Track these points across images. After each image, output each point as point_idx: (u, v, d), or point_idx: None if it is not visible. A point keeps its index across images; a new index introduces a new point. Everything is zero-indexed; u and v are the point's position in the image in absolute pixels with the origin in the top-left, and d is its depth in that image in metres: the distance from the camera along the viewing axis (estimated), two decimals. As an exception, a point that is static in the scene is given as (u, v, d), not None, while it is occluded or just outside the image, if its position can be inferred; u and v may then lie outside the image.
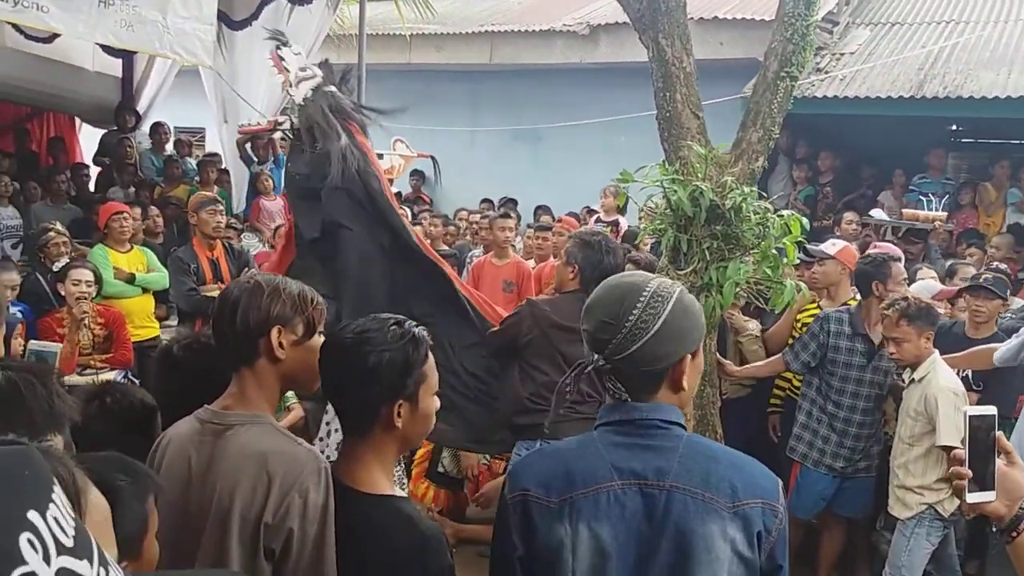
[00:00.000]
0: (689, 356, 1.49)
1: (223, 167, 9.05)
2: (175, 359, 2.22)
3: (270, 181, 8.49)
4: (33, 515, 0.48)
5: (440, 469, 4.24)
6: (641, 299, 1.46)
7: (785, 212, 4.13)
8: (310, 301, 1.84)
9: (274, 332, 1.76)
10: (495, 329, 3.68)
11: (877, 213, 7.38)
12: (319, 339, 1.84)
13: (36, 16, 5.12)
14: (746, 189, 3.90)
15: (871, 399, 4.07)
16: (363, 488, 1.70)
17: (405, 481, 3.86)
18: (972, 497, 1.54)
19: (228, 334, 1.79)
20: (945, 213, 7.20)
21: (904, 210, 7.33)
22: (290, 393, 2.89)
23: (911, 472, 3.69)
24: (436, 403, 1.77)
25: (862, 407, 4.07)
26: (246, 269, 5.17)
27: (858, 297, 4.35)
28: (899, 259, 4.29)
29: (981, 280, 4.30)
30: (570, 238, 3.79)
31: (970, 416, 1.62)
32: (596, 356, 1.48)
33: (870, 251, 4.88)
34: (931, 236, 6.69)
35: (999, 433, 1.60)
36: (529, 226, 6.77)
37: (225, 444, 1.76)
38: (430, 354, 1.74)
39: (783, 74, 4.23)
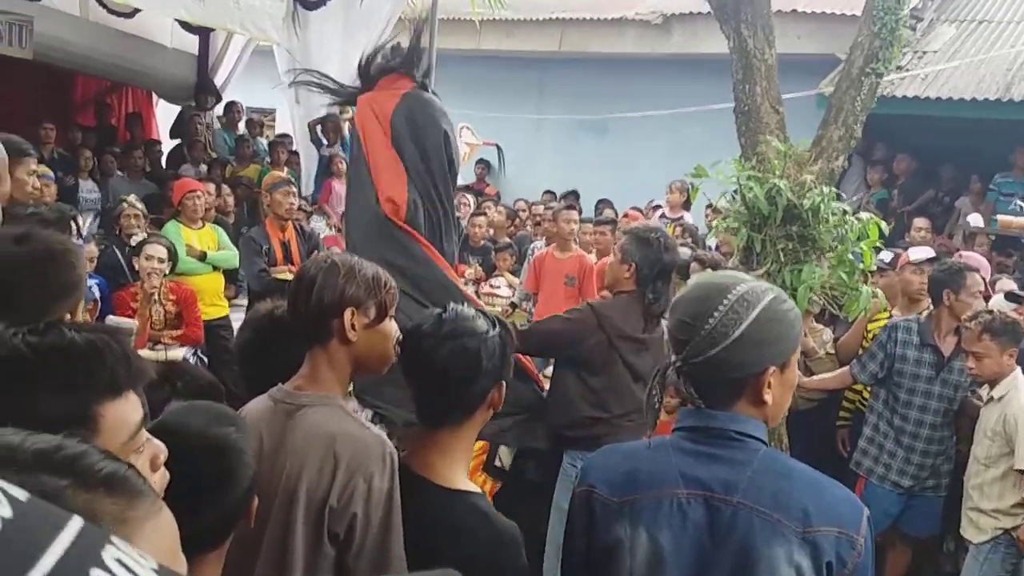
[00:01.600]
0: (775, 368, 1.41)
1: (293, 148, 9.18)
2: (275, 324, 2.17)
3: (343, 164, 8.58)
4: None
5: (497, 463, 4.22)
6: (725, 301, 1.39)
7: (863, 215, 4.01)
8: (383, 284, 1.83)
9: (347, 313, 1.76)
10: (546, 323, 3.49)
11: (973, 219, 7.05)
12: (391, 324, 1.85)
13: (115, -12, 5.24)
14: (825, 189, 3.79)
15: (940, 413, 3.91)
16: (440, 482, 1.69)
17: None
18: None
19: (303, 312, 1.80)
20: None
21: (999, 216, 6.95)
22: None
23: (986, 495, 3.53)
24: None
25: (930, 421, 3.91)
26: (316, 252, 5.24)
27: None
28: (976, 269, 4.09)
29: None
30: (624, 234, 3.58)
31: None
32: (674, 357, 1.44)
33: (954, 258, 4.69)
34: None
35: None
36: (589, 220, 6.68)
37: (295, 424, 1.77)
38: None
39: (868, 70, 4.10)
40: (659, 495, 1.40)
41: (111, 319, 2.51)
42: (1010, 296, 4.13)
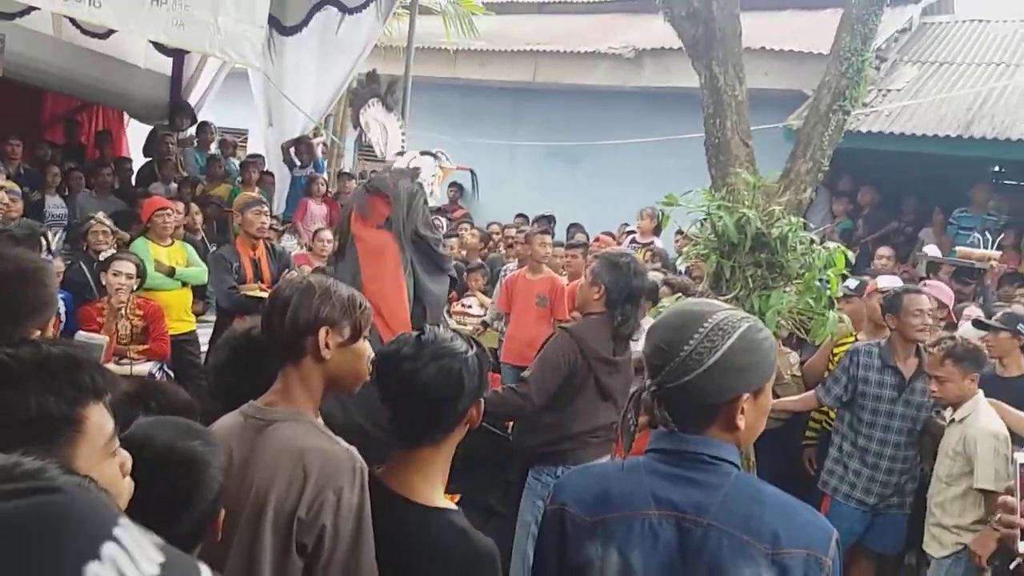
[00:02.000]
0: (749, 395, 1.42)
1: (265, 169, 9.16)
2: (252, 344, 2.18)
3: (323, 186, 8.57)
4: (94, 566, 0.46)
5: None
6: (701, 329, 1.40)
7: (830, 244, 4.10)
8: (358, 306, 1.86)
9: (322, 332, 1.78)
10: (537, 369, 3.42)
11: (930, 249, 7.25)
12: (365, 344, 1.87)
13: (89, 11, 5.20)
14: (793, 219, 3.87)
15: (903, 433, 4.00)
16: (418, 500, 1.70)
17: None
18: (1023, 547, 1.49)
19: (277, 331, 1.82)
20: (999, 252, 7.02)
21: (958, 247, 7.16)
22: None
23: (948, 511, 3.61)
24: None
25: (893, 441, 4.00)
26: (286, 270, 5.22)
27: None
28: (918, 291, 4.22)
29: (992, 318, 4.23)
30: (595, 258, 3.65)
31: (1020, 464, 1.57)
32: (649, 382, 1.45)
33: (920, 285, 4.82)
34: (987, 275, 6.54)
35: None
36: (560, 244, 6.75)
37: (265, 439, 1.77)
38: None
39: (836, 107, 4.22)
40: (631, 515, 1.41)
41: (80, 335, 2.49)
42: (978, 324, 4.24)
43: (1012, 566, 1.61)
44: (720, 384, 1.39)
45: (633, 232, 8.30)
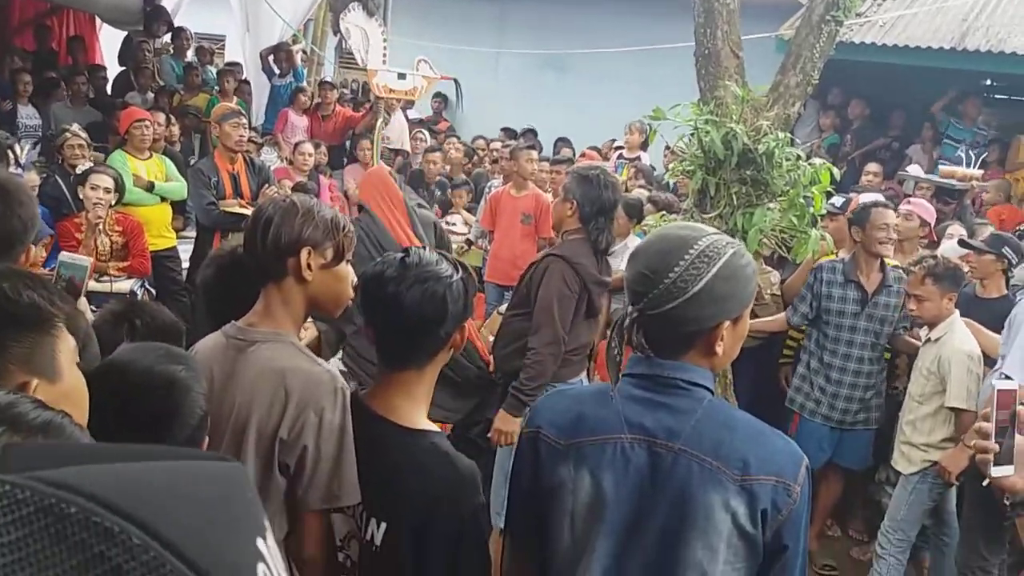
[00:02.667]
0: (729, 322, 1.42)
1: (243, 78, 8.91)
2: (238, 262, 2.14)
3: (307, 99, 8.36)
4: (260, 543, 0.45)
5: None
6: (686, 257, 1.38)
7: (816, 161, 4.06)
8: (341, 228, 1.84)
9: (303, 252, 1.77)
10: (546, 306, 3.34)
11: (913, 169, 7.23)
12: (347, 267, 1.86)
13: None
14: (780, 135, 3.82)
15: (867, 348, 4.07)
16: (402, 422, 1.70)
17: None
18: (995, 471, 1.53)
19: (259, 250, 1.80)
20: (980, 172, 7.02)
21: (940, 166, 7.15)
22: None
23: (918, 429, 3.71)
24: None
25: (856, 355, 4.08)
26: (266, 185, 5.13)
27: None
28: (886, 206, 4.24)
29: (977, 238, 4.27)
30: (567, 174, 3.63)
31: (997, 388, 1.59)
32: (631, 308, 1.44)
33: (901, 206, 4.82)
34: (967, 195, 6.55)
35: (1021, 407, 1.58)
36: (546, 159, 6.65)
37: (246, 359, 1.78)
38: None
39: (829, 17, 4.09)
40: (604, 439, 1.42)
41: (64, 256, 2.45)
42: (963, 243, 4.27)
43: (984, 483, 1.66)
44: (702, 312, 1.39)
45: (621, 148, 8.19)
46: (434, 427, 1.78)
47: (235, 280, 2.03)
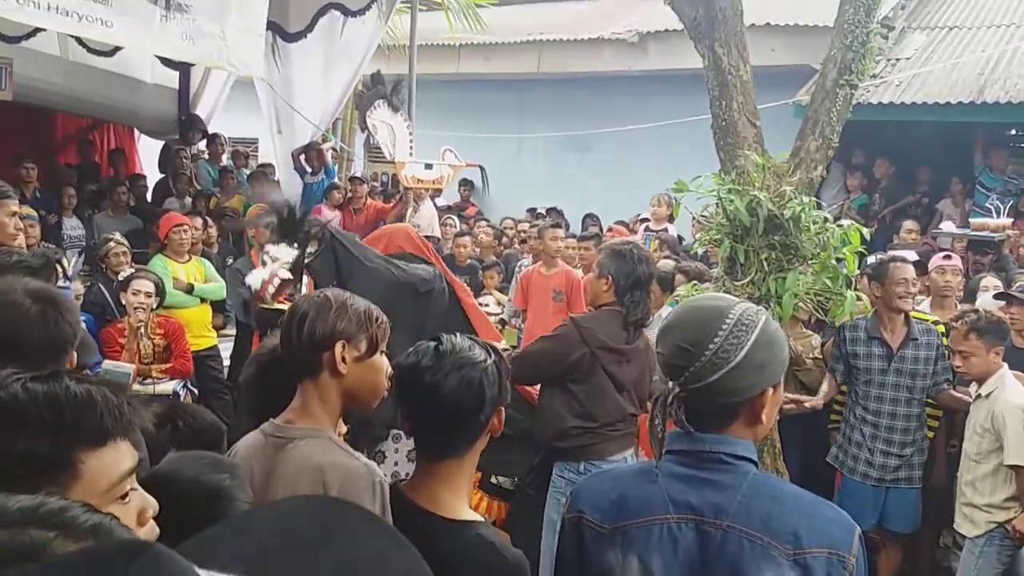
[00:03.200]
0: (771, 389, 1.42)
1: (275, 178, 9.19)
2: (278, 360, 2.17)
3: (340, 195, 8.59)
4: None
5: (493, 481, 4.23)
6: (724, 325, 1.38)
7: (844, 222, 4.06)
8: (375, 319, 1.86)
9: (338, 347, 1.79)
10: (533, 346, 3.57)
11: (946, 225, 7.20)
12: (382, 358, 1.87)
13: (102, 31, 5.25)
14: (805, 199, 3.83)
15: (900, 403, 4.02)
16: (446, 514, 1.67)
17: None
18: None
19: (294, 346, 1.82)
20: (1011, 220, 6.95)
21: (972, 220, 7.09)
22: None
23: (979, 490, 3.58)
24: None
25: (888, 411, 4.03)
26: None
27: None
28: (905, 260, 4.23)
29: (1013, 289, 4.24)
30: (600, 250, 3.70)
31: None
32: (671, 384, 1.42)
33: (939, 261, 4.80)
34: (1005, 245, 6.48)
35: None
36: (573, 236, 6.75)
37: (285, 457, 1.79)
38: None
39: (842, 82, 4.16)
40: (649, 521, 1.39)
41: (107, 364, 2.51)
42: (999, 295, 4.21)
43: None
44: (746, 381, 1.38)
45: (647, 220, 8.26)
46: (478, 517, 1.75)
47: (276, 378, 2.05)
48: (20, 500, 0.83)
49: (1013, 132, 9.28)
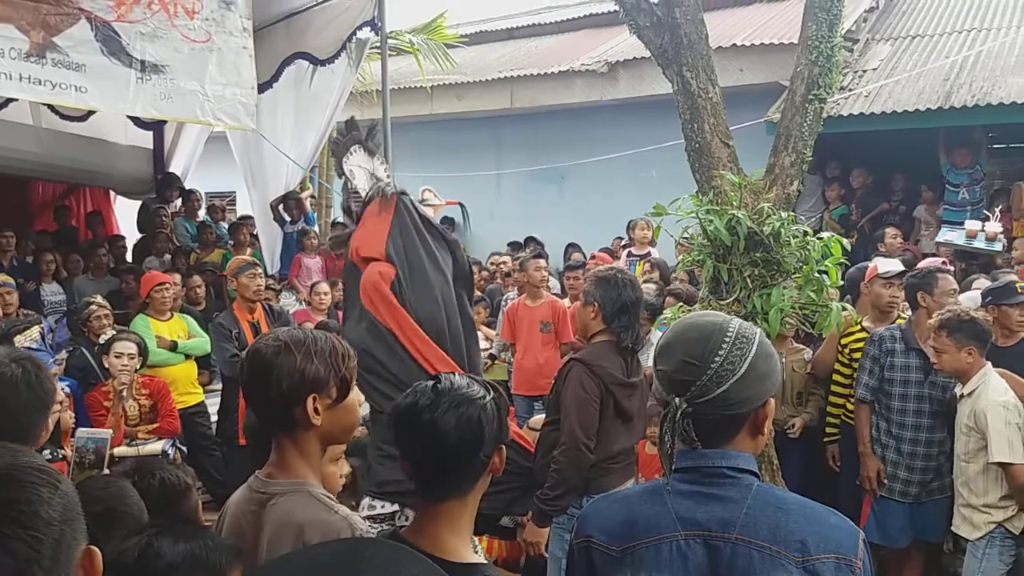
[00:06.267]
0: (771, 400, 1.46)
1: (255, 231, 9.17)
2: None
3: (315, 240, 8.57)
4: None
5: (502, 522, 4.16)
6: (727, 338, 1.42)
7: (824, 234, 4.07)
8: (342, 357, 1.78)
9: (309, 401, 1.72)
10: (567, 415, 3.29)
11: (954, 236, 7.21)
12: (354, 395, 1.82)
13: (76, 97, 5.24)
14: (783, 214, 3.84)
15: (936, 416, 3.93)
16: (450, 557, 1.62)
17: None
18: None
19: (262, 405, 1.76)
20: (1000, 227, 6.94)
21: (966, 223, 7.07)
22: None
23: (973, 491, 3.54)
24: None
25: (927, 424, 3.93)
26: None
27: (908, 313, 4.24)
28: (948, 271, 4.18)
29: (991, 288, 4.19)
30: (586, 279, 3.66)
31: None
32: (678, 400, 1.43)
33: (920, 265, 4.79)
34: (997, 257, 6.48)
35: None
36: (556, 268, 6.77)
37: (267, 515, 1.75)
38: None
39: (811, 97, 4.20)
40: (658, 540, 1.40)
41: (81, 432, 2.46)
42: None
43: None
44: (750, 392, 1.41)
45: (630, 246, 8.28)
46: (482, 559, 1.71)
47: None
48: None
49: (989, 134, 9.39)
